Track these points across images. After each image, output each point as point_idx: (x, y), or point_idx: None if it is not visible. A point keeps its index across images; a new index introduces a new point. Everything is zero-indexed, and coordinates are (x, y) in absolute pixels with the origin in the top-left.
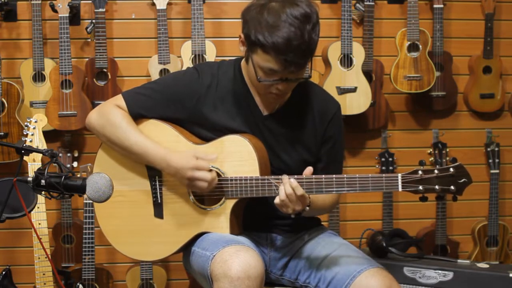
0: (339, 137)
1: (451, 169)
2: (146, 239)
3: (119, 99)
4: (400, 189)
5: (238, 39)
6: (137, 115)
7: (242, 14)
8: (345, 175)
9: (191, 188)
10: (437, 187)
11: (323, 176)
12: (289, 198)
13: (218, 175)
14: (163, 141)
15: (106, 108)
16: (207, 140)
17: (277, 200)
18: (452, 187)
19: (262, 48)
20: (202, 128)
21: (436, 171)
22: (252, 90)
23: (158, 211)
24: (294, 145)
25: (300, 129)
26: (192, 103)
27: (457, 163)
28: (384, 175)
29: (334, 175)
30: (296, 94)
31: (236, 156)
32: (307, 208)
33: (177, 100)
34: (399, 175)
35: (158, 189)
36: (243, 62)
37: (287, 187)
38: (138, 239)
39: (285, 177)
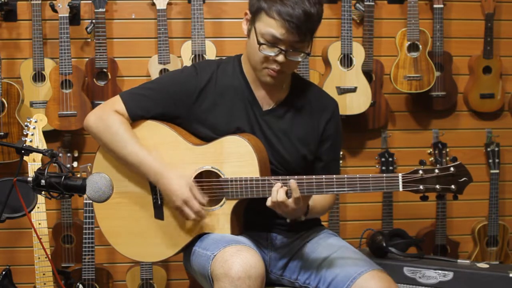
0: (337, 135)
1: (452, 169)
2: (146, 240)
3: (117, 102)
4: (401, 189)
5: (242, 18)
6: (136, 117)
7: None
8: (345, 175)
9: (178, 209)
10: (437, 186)
11: (324, 176)
12: (278, 204)
13: (218, 176)
14: (161, 142)
15: (104, 113)
16: (206, 140)
17: (268, 203)
18: (452, 186)
19: (267, 12)
20: (202, 126)
21: (436, 171)
22: (252, 84)
23: (159, 213)
24: (292, 141)
25: (298, 125)
26: (190, 100)
27: (458, 162)
28: (384, 175)
29: (334, 176)
30: (295, 91)
31: (235, 157)
32: (303, 218)
33: (176, 98)
34: (400, 175)
35: (158, 190)
36: (243, 57)
37: (275, 195)
38: (139, 241)
39: (277, 185)
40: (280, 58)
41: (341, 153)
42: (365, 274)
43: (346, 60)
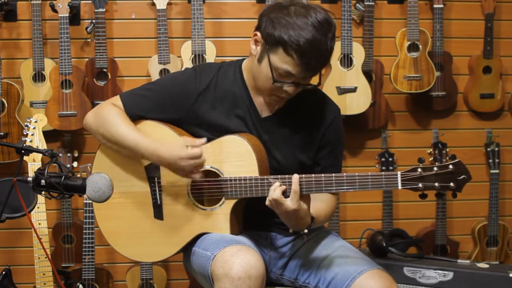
0: (337, 142)
1: (450, 166)
2: (146, 240)
3: (116, 100)
4: (399, 187)
5: (251, 37)
6: (135, 116)
7: (262, 13)
8: (344, 174)
9: (186, 177)
10: (436, 184)
11: (322, 175)
12: (275, 202)
13: (217, 175)
14: None
15: (102, 108)
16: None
17: (266, 202)
18: (451, 184)
19: (284, 48)
20: (200, 129)
21: (435, 169)
22: (251, 91)
23: (158, 212)
24: (291, 148)
25: (297, 132)
26: (189, 103)
27: (456, 160)
28: (383, 173)
29: (333, 174)
30: (296, 97)
31: (235, 156)
32: (306, 230)
33: (175, 100)
34: (399, 173)
35: (157, 190)
36: (244, 63)
37: (271, 193)
38: (138, 241)
39: (276, 184)
40: (291, 90)
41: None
42: (365, 273)
43: (346, 60)
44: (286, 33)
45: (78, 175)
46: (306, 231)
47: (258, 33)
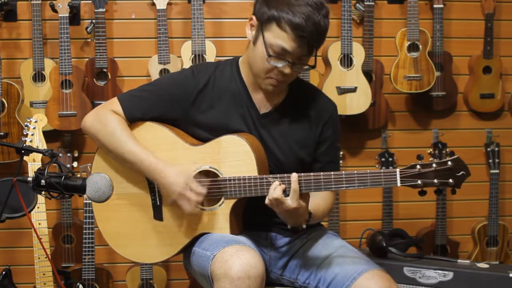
0: (335, 138)
1: (449, 163)
2: (146, 241)
3: (115, 103)
4: (399, 184)
5: (245, 38)
6: (133, 118)
7: None
8: (343, 172)
9: (177, 203)
10: (435, 181)
11: (321, 173)
12: (275, 201)
13: (216, 175)
14: (159, 143)
15: (101, 113)
16: (204, 140)
17: (266, 201)
18: (450, 180)
19: (278, 23)
20: (199, 128)
21: (434, 165)
22: (249, 87)
23: (158, 213)
24: (290, 144)
25: (296, 128)
26: (188, 103)
27: (455, 156)
28: (382, 170)
29: (332, 172)
30: (293, 94)
31: (233, 156)
32: (304, 226)
33: (173, 100)
34: (398, 170)
35: (157, 191)
36: (241, 59)
37: (272, 192)
38: (138, 242)
39: (275, 183)
40: (287, 70)
41: (341, 153)
42: (365, 273)
43: (346, 60)
44: (280, 9)
45: (78, 175)
46: (304, 226)
47: (254, 17)
